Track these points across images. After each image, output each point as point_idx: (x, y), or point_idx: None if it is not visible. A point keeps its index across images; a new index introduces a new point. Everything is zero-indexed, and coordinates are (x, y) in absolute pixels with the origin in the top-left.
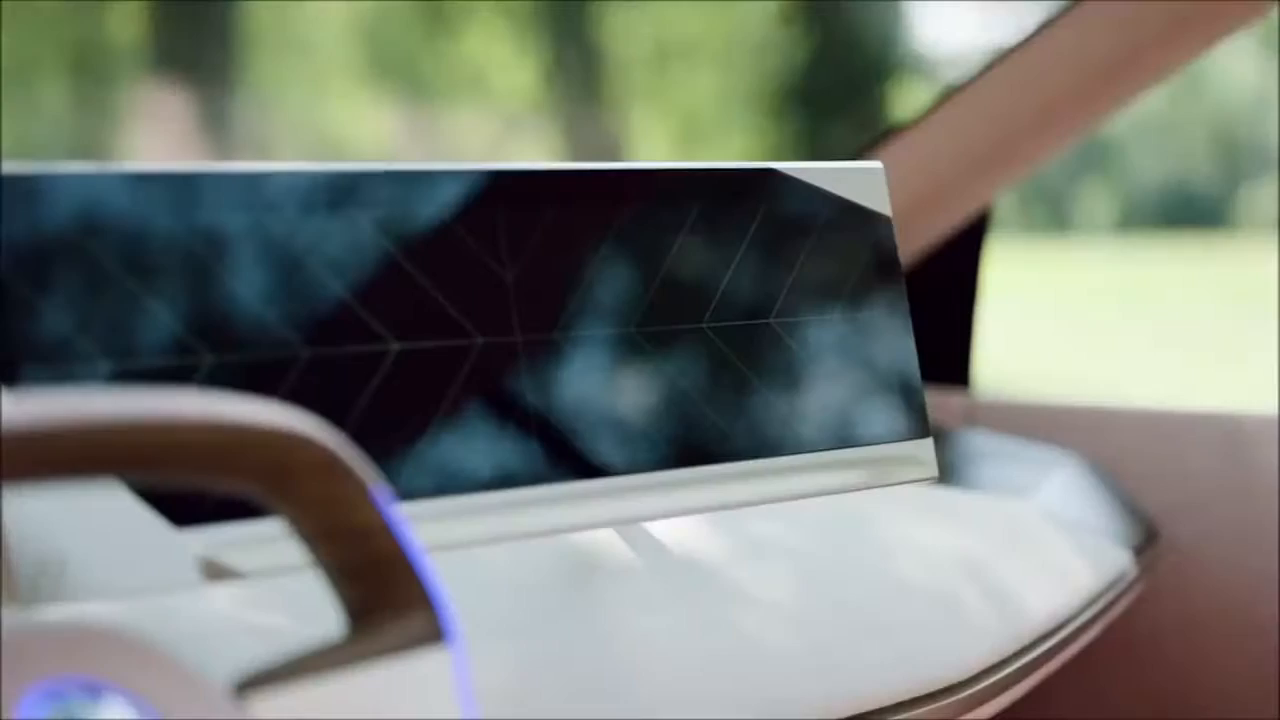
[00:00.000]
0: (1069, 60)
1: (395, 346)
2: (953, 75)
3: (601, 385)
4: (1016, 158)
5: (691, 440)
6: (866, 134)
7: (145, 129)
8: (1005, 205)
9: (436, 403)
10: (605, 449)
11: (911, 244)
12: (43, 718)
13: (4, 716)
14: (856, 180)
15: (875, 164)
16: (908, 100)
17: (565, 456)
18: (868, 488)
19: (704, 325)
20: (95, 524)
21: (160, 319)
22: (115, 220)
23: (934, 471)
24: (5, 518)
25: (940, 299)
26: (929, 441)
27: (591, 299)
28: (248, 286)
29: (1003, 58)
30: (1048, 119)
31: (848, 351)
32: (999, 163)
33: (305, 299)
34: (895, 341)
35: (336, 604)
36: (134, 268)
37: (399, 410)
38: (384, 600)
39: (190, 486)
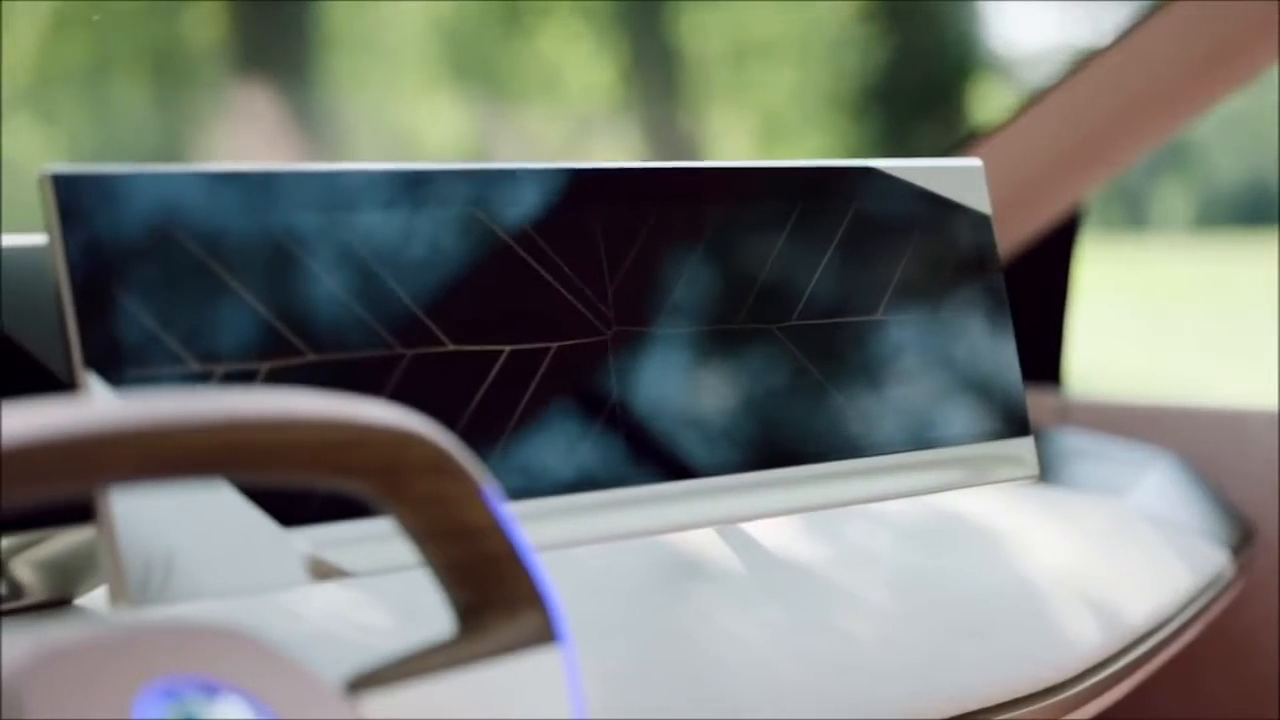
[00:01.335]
0: (1161, 60)
1: (491, 348)
2: (1032, 76)
3: (697, 385)
4: (1107, 157)
5: (789, 440)
6: (947, 134)
7: (229, 129)
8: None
9: (530, 404)
10: (702, 450)
11: (1003, 242)
12: (159, 717)
13: (122, 716)
14: (956, 178)
15: (974, 161)
16: (988, 101)
17: (662, 457)
18: (968, 486)
19: (803, 324)
20: (202, 523)
21: (260, 319)
22: (211, 220)
23: (1035, 470)
24: (115, 517)
25: (1031, 297)
26: (1030, 440)
27: (688, 297)
28: (342, 287)
29: (1094, 57)
30: (1139, 118)
31: (948, 350)
32: (1090, 162)
33: (400, 299)
34: (996, 340)
35: (446, 603)
36: (230, 267)
37: (492, 411)
38: (494, 599)
39: (300, 485)
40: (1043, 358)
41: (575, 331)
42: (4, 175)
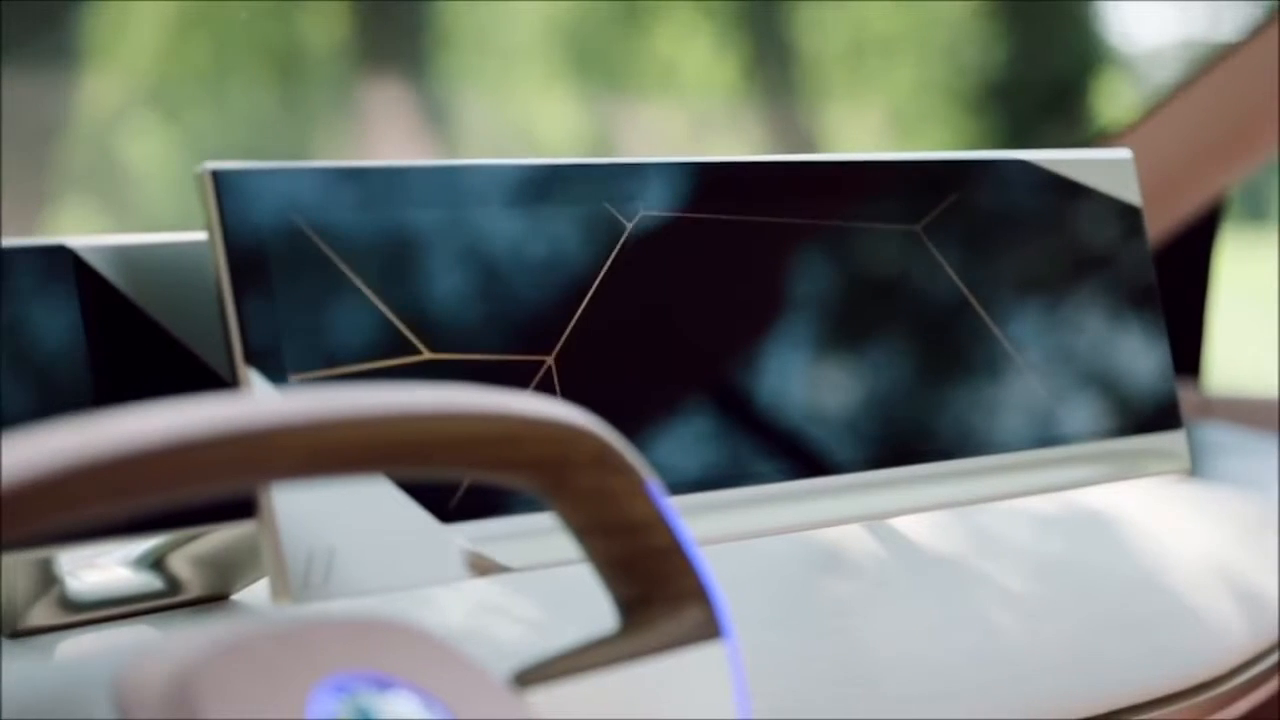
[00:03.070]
0: None
1: (619, 348)
2: (1154, 72)
3: (839, 380)
4: (1249, 150)
5: (937, 435)
6: (1071, 130)
7: (353, 127)
8: None
9: (666, 401)
10: (846, 445)
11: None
12: (332, 713)
13: (297, 710)
14: (1105, 170)
15: (1124, 152)
16: (1112, 97)
17: (808, 454)
18: (1119, 480)
19: (954, 318)
20: (363, 518)
21: (417, 315)
22: (369, 215)
23: (1187, 464)
24: (277, 512)
25: (1172, 291)
26: (1182, 433)
27: (830, 291)
28: (503, 284)
29: (1232, 51)
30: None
31: (1100, 344)
32: (1231, 155)
33: (528, 297)
34: (1147, 333)
35: (609, 598)
36: (388, 263)
37: (626, 410)
38: (657, 594)
39: (464, 480)
40: (1183, 351)
41: (707, 328)
42: (127, 179)
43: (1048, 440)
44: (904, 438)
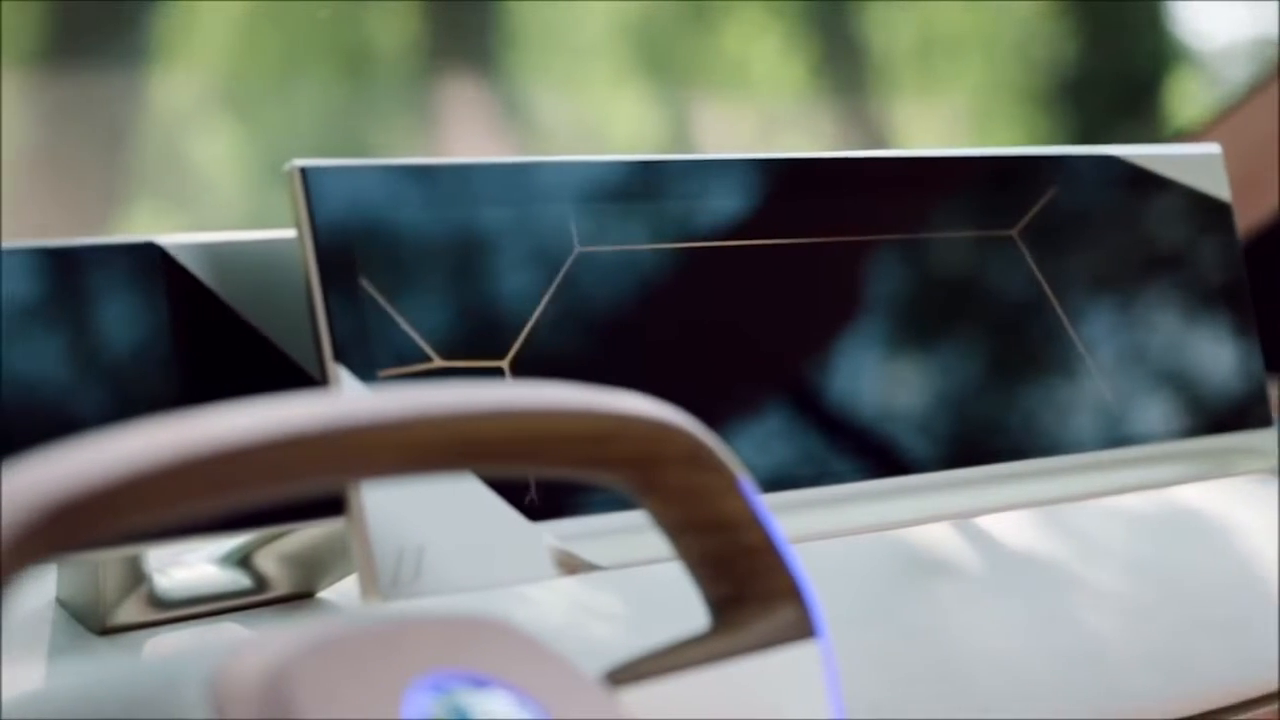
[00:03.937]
0: None
1: (697, 348)
2: (1227, 70)
3: (923, 378)
4: None
5: (1026, 433)
6: (1145, 128)
7: (426, 126)
8: None
9: (744, 400)
10: (932, 444)
11: None
12: (428, 711)
13: (392, 708)
14: (1194, 165)
15: (1213, 147)
16: (1186, 96)
17: (890, 453)
18: (1208, 479)
19: (1038, 316)
20: (452, 516)
21: (506, 312)
22: (458, 212)
23: (1275, 462)
24: (366, 510)
25: (1253, 289)
26: (1272, 431)
27: (916, 288)
28: (584, 280)
29: None
30: None
31: (1190, 341)
32: None
33: (602, 295)
34: (1237, 330)
35: (701, 597)
36: (478, 259)
37: (706, 408)
38: (750, 593)
39: (555, 478)
40: (1266, 349)
41: (788, 327)
42: (198, 177)
43: (1135, 438)
44: (992, 437)
